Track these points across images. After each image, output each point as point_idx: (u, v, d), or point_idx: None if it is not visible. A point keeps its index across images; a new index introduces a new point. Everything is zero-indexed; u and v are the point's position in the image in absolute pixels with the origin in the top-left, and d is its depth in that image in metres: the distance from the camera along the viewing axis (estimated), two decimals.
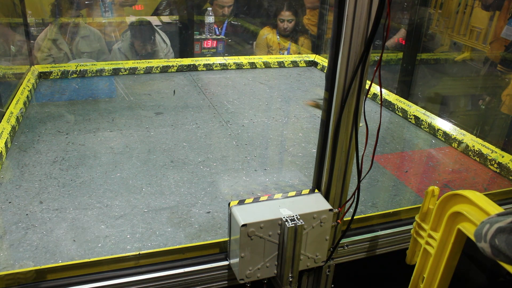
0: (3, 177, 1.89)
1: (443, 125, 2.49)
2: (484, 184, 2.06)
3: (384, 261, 1.74)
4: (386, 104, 2.87)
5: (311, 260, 1.47)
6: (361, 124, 1.43)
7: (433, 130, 2.52)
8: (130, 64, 3.29)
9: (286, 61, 3.66)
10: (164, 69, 3.33)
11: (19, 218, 1.63)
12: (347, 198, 1.50)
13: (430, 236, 1.44)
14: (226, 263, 1.48)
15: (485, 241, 0.93)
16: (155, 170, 1.99)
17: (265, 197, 1.49)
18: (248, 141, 2.32)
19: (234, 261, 1.43)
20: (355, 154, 1.42)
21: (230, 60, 3.55)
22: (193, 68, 3.40)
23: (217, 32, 4.07)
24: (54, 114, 2.55)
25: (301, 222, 1.35)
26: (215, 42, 4.02)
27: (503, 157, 2.14)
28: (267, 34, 4.10)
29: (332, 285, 1.63)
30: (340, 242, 1.55)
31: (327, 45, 3.72)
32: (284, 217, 1.36)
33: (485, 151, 2.21)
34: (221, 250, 1.51)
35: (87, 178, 1.91)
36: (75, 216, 1.65)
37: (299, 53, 3.97)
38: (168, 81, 3.16)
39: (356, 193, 1.44)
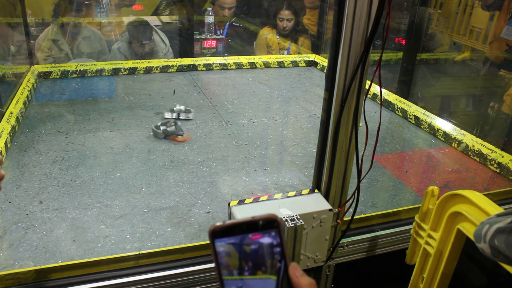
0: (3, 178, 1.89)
1: (443, 125, 2.49)
2: (484, 184, 2.06)
3: (384, 261, 1.74)
4: (386, 104, 2.87)
5: (311, 260, 1.47)
6: (361, 124, 1.43)
7: (433, 130, 2.52)
8: (130, 64, 3.29)
9: (286, 61, 3.66)
10: (164, 69, 3.33)
11: (19, 218, 1.63)
12: (347, 198, 1.50)
13: (429, 236, 1.44)
14: None
15: (485, 242, 0.93)
16: (155, 170, 1.99)
17: (265, 197, 1.49)
18: (248, 141, 2.32)
19: None
20: (355, 154, 1.42)
21: (230, 60, 3.55)
22: (193, 68, 3.40)
23: (219, 33, 4.07)
24: (54, 114, 2.54)
25: (301, 222, 1.35)
26: (215, 42, 4.02)
27: (503, 157, 2.14)
28: (267, 34, 4.10)
29: (332, 285, 1.63)
30: (340, 242, 1.55)
31: (327, 45, 3.72)
32: (284, 217, 1.36)
33: (485, 151, 2.21)
34: None
35: (87, 178, 1.91)
36: (75, 216, 1.65)
37: (299, 53, 3.97)
38: (168, 81, 3.16)
39: (356, 193, 1.44)
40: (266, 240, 0.58)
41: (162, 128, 2.28)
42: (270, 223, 0.58)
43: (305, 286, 0.58)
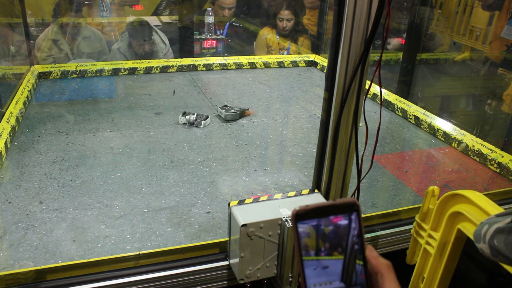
0: (3, 177, 1.89)
1: (443, 125, 2.49)
2: (484, 184, 2.06)
3: None
4: (386, 104, 2.87)
5: None
6: (361, 124, 1.43)
7: (433, 130, 2.52)
8: (130, 64, 3.29)
9: (286, 61, 3.66)
10: (164, 69, 3.33)
11: (19, 218, 1.63)
12: None
13: (430, 236, 1.44)
14: (226, 263, 1.48)
15: (484, 242, 0.93)
16: (155, 170, 1.99)
17: (265, 197, 1.49)
18: (248, 141, 2.32)
19: (234, 261, 1.43)
20: (355, 154, 1.42)
21: (230, 60, 3.55)
22: (193, 68, 3.40)
23: (219, 33, 4.08)
24: (54, 114, 2.55)
25: None
26: (215, 42, 4.02)
27: (503, 157, 2.14)
28: (267, 34, 4.10)
29: None
30: None
31: (327, 45, 3.72)
32: (284, 217, 1.36)
33: (485, 151, 2.21)
34: (221, 250, 1.51)
35: (87, 178, 1.91)
36: (75, 216, 1.65)
37: (299, 53, 3.97)
38: (168, 81, 3.16)
39: (356, 193, 1.44)
40: (346, 222, 0.60)
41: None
42: (350, 207, 0.60)
43: (383, 267, 0.61)
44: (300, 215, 0.59)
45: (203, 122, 2.46)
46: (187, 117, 2.48)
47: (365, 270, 0.61)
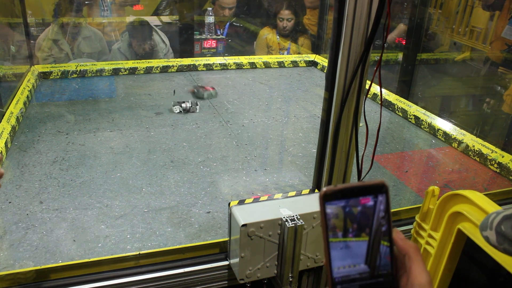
0: (3, 177, 1.89)
1: (443, 125, 2.49)
2: (484, 184, 2.06)
3: None
4: (386, 104, 2.87)
5: (311, 260, 1.47)
6: (361, 124, 1.43)
7: (433, 130, 2.52)
8: (130, 64, 3.29)
9: (286, 61, 3.66)
10: (164, 69, 3.33)
11: (19, 218, 1.63)
12: None
13: (430, 236, 1.44)
14: (226, 263, 1.48)
15: (491, 229, 0.93)
16: (155, 170, 1.99)
17: (265, 197, 1.49)
18: (248, 141, 2.32)
19: (234, 261, 1.43)
20: (355, 154, 1.42)
21: (230, 60, 3.55)
22: (193, 68, 3.40)
23: (219, 33, 4.08)
24: (54, 114, 2.55)
25: (301, 222, 1.35)
26: (215, 42, 4.02)
27: (503, 157, 2.14)
28: (267, 34, 4.10)
29: None
30: None
31: (327, 45, 3.72)
32: (284, 217, 1.36)
33: (485, 151, 2.21)
34: (221, 250, 1.51)
35: (87, 178, 1.91)
36: (75, 216, 1.65)
37: (299, 53, 3.97)
38: (168, 81, 3.17)
39: None
40: (374, 203, 0.59)
41: None
42: (379, 188, 0.60)
43: (411, 248, 0.61)
44: (328, 196, 0.58)
45: (197, 107, 2.65)
46: (183, 105, 2.60)
47: (391, 252, 0.60)
